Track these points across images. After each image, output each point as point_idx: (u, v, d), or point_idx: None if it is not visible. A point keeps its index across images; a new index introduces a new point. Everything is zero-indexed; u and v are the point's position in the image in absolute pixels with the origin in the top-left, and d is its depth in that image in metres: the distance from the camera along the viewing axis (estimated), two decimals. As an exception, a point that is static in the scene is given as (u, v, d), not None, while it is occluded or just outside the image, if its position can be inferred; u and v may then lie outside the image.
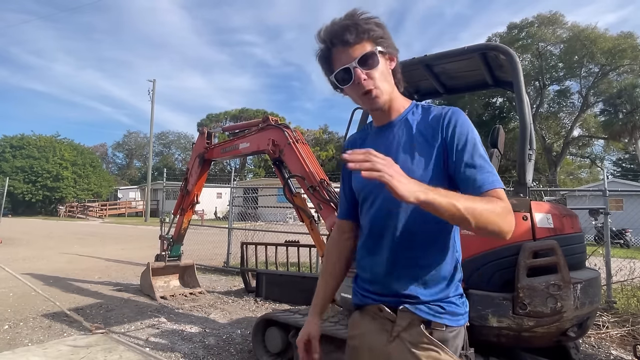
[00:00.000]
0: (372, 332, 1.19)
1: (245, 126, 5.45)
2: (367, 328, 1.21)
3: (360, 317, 1.25)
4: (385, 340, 1.15)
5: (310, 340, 1.32)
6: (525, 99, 2.63)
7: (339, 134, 47.57)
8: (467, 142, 1.11)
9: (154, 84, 31.92)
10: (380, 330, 1.17)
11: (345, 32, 1.12)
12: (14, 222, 24.44)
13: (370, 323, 1.20)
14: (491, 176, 1.07)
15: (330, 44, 1.15)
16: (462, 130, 1.13)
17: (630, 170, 35.73)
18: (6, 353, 3.55)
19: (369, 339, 1.19)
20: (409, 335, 1.12)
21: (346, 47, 1.13)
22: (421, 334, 1.10)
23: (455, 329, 1.14)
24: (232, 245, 8.35)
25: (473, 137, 1.12)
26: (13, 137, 36.98)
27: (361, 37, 1.13)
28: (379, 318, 1.18)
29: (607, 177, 6.64)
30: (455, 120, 1.14)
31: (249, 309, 5.38)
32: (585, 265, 2.79)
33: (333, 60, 1.17)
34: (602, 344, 4.11)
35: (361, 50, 1.13)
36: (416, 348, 1.10)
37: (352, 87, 1.16)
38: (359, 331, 1.23)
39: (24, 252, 10.43)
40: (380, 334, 1.17)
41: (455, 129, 1.13)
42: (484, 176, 1.07)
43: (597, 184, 17.25)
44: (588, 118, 31.29)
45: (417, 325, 1.11)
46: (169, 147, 64.13)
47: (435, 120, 1.17)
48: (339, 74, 1.16)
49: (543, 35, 28.40)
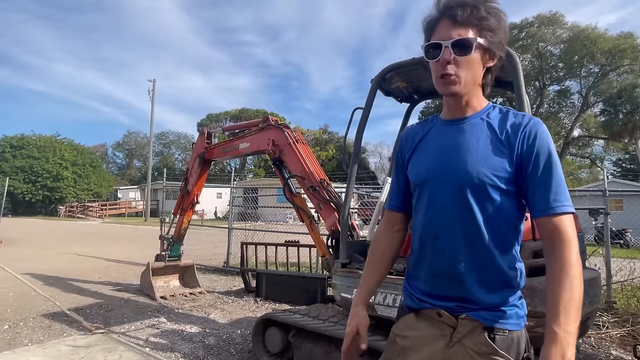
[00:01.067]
0: (429, 336, 1.15)
1: (245, 126, 5.46)
2: (423, 332, 1.17)
3: (416, 319, 1.20)
4: (444, 346, 1.12)
5: (359, 331, 1.26)
6: (525, 99, 2.63)
7: (339, 134, 47.64)
8: (544, 158, 1.07)
9: (154, 84, 31.96)
10: (439, 335, 1.13)
11: (459, 8, 1.08)
12: (14, 222, 24.45)
13: (428, 327, 1.16)
14: (560, 199, 1.05)
15: (440, 14, 1.12)
16: (542, 145, 1.08)
17: (630, 170, 35.75)
18: (6, 353, 3.55)
19: (425, 343, 1.15)
20: (471, 342, 1.09)
21: (452, 23, 1.09)
22: (484, 342, 1.07)
23: (518, 332, 1.11)
24: (232, 245, 8.35)
25: (550, 154, 1.08)
26: (13, 137, 36.99)
27: (470, 21, 1.08)
28: (437, 323, 1.14)
29: (607, 177, 6.64)
30: (535, 132, 1.09)
31: (249, 309, 5.38)
32: (585, 265, 2.79)
33: (435, 29, 1.13)
34: (602, 344, 4.11)
35: (462, 34, 1.08)
36: (480, 355, 1.07)
37: (435, 64, 1.13)
38: (413, 333, 1.19)
39: (24, 252, 10.43)
40: (438, 339, 1.13)
41: (534, 142, 1.08)
42: (551, 198, 1.05)
43: (597, 184, 17.27)
44: (588, 118, 31.30)
45: (480, 332, 1.08)
46: (169, 147, 64.11)
47: (514, 128, 1.11)
48: (430, 46, 1.13)
49: (543, 36, 28.39)
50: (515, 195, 1.11)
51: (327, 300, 4.89)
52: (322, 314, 3.30)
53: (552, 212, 1.05)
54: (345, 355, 1.26)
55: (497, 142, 1.11)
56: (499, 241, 1.10)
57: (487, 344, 1.07)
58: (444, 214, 1.13)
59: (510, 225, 1.12)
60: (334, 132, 48.67)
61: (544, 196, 1.06)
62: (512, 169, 1.09)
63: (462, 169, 1.11)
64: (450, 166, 1.13)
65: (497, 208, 1.09)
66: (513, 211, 1.12)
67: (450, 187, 1.12)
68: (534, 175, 1.07)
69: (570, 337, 0.93)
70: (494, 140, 1.11)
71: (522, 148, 1.09)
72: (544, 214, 1.06)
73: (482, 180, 1.08)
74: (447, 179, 1.13)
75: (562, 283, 0.99)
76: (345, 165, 3.29)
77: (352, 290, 2.86)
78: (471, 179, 1.09)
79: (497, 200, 1.09)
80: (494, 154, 1.10)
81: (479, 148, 1.12)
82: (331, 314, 3.28)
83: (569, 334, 0.93)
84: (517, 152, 1.09)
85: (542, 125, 1.11)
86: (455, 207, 1.11)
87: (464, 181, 1.10)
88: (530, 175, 1.08)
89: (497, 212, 1.09)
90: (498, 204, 1.09)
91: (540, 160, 1.07)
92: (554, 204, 1.05)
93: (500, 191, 1.09)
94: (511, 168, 1.09)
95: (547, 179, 1.06)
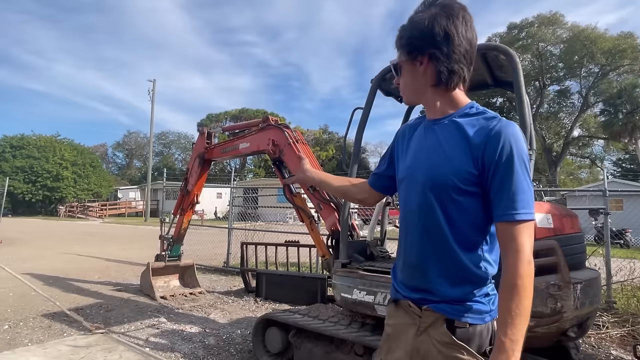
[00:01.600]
0: (404, 324, 1.26)
1: (245, 126, 5.46)
2: (400, 319, 1.28)
3: (395, 308, 1.32)
4: (414, 334, 1.22)
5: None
6: (525, 99, 2.63)
7: (339, 134, 47.67)
8: (505, 163, 1.07)
9: (154, 84, 31.96)
10: (411, 323, 1.23)
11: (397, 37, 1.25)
12: (14, 222, 24.45)
13: (403, 316, 1.27)
14: (516, 206, 1.05)
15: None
16: (505, 149, 1.08)
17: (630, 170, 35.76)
18: (6, 353, 3.55)
19: (402, 331, 1.26)
20: (435, 332, 1.17)
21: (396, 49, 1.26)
22: (445, 333, 1.14)
23: (481, 326, 1.15)
24: (232, 245, 8.35)
25: (512, 159, 1.07)
26: (13, 137, 36.98)
27: (399, 45, 1.23)
28: (410, 312, 1.24)
29: (607, 177, 6.64)
30: (500, 136, 1.09)
31: (249, 309, 5.38)
32: (585, 265, 2.79)
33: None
34: (602, 344, 4.11)
35: (396, 58, 1.27)
36: (441, 345, 1.15)
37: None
38: (393, 321, 1.31)
39: (24, 252, 10.43)
40: (411, 327, 1.23)
41: (497, 146, 1.08)
42: (508, 205, 1.06)
43: (597, 184, 17.25)
44: (588, 118, 31.30)
45: (441, 324, 1.15)
46: (169, 147, 64.15)
47: (481, 130, 1.13)
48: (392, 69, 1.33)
49: (543, 36, 28.38)
50: (481, 197, 1.13)
51: (327, 300, 4.89)
52: (322, 314, 3.30)
53: (505, 219, 1.06)
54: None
55: (463, 144, 1.14)
56: (462, 239, 1.15)
57: (447, 335, 1.14)
58: (412, 210, 1.23)
59: (474, 225, 1.15)
60: (334, 132, 48.79)
61: (501, 202, 1.07)
62: (476, 171, 1.11)
63: (428, 169, 1.19)
64: (420, 166, 1.23)
65: (458, 208, 1.14)
66: (478, 212, 1.14)
67: (419, 186, 1.20)
68: (495, 180, 1.09)
69: (515, 345, 1.00)
70: (460, 142, 1.15)
71: (485, 151, 1.10)
72: (499, 220, 1.08)
73: (443, 181, 1.14)
74: (417, 178, 1.22)
75: (509, 294, 1.03)
76: (345, 165, 3.29)
77: (352, 290, 2.86)
78: (434, 179, 1.16)
79: (459, 200, 1.13)
80: (458, 156, 1.14)
81: (445, 149, 1.17)
82: (331, 314, 3.28)
83: (514, 343, 1.01)
84: (480, 155, 1.10)
85: (511, 128, 1.10)
86: (419, 204, 1.20)
87: (427, 180, 1.18)
88: (491, 179, 1.09)
89: (458, 212, 1.14)
90: (459, 204, 1.13)
91: (501, 165, 1.07)
92: (509, 211, 1.06)
93: (461, 192, 1.13)
94: (475, 170, 1.11)
95: (506, 184, 1.07)
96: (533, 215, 1.07)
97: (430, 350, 1.17)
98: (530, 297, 1.04)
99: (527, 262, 1.04)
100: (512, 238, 1.05)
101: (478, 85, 3.45)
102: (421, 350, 1.19)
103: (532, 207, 1.07)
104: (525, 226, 1.05)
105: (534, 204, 1.09)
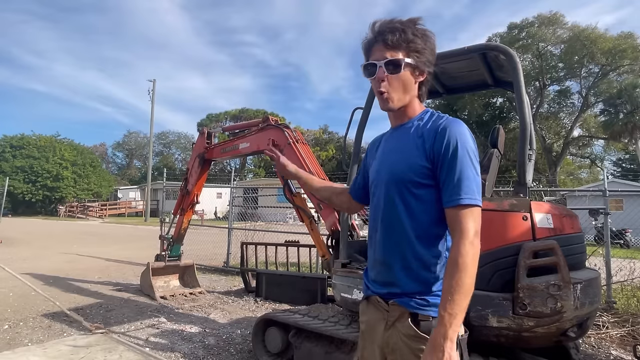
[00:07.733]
0: (375, 319, 1.32)
1: (245, 126, 5.45)
2: (371, 315, 1.35)
3: (366, 305, 1.39)
4: (383, 329, 1.28)
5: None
6: (526, 99, 2.63)
7: (339, 134, 47.63)
8: (450, 154, 1.18)
9: (154, 84, 31.92)
10: (380, 318, 1.30)
11: (390, 33, 1.24)
12: (14, 222, 24.45)
13: (374, 312, 1.33)
14: (460, 192, 1.15)
15: (375, 37, 1.28)
16: (450, 142, 1.19)
17: (630, 170, 35.72)
18: (6, 353, 3.55)
19: (373, 325, 1.33)
20: (401, 325, 1.23)
21: (384, 46, 1.25)
22: (409, 327, 1.21)
23: None
24: (232, 245, 8.35)
25: (456, 150, 1.18)
26: (13, 137, 36.93)
27: (399, 44, 1.24)
28: (380, 308, 1.31)
29: (607, 177, 6.64)
30: (445, 131, 1.21)
31: (249, 309, 5.38)
32: (585, 265, 2.78)
33: (372, 51, 1.30)
34: (602, 344, 4.11)
35: (393, 55, 1.25)
36: (407, 338, 1.21)
37: (372, 81, 1.30)
38: (365, 318, 1.38)
39: (24, 252, 10.43)
40: (380, 322, 1.30)
41: (443, 139, 1.20)
42: (453, 191, 1.16)
43: (597, 184, 17.25)
44: (588, 118, 31.27)
45: (406, 318, 1.23)
46: (169, 147, 64.09)
47: (432, 128, 1.25)
48: (368, 66, 1.30)
49: (543, 36, 28.37)
50: (437, 189, 1.22)
51: (327, 300, 4.89)
52: (322, 314, 3.30)
53: (451, 204, 1.16)
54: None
55: (417, 142, 1.26)
56: (422, 234, 1.23)
57: (411, 328, 1.21)
58: (379, 207, 1.32)
59: (433, 219, 1.23)
60: (334, 132, 48.71)
61: (447, 189, 1.18)
62: (429, 164, 1.22)
63: (389, 168, 1.31)
64: (384, 167, 1.34)
65: (417, 201, 1.24)
66: (437, 203, 1.22)
67: (383, 185, 1.31)
68: (442, 170, 1.19)
69: (453, 319, 1.07)
70: (416, 141, 1.27)
71: (434, 145, 1.22)
72: (446, 206, 1.18)
73: (401, 176, 1.25)
74: (382, 178, 1.33)
75: (450, 271, 1.11)
76: (345, 165, 3.29)
77: (352, 290, 2.86)
78: (394, 175, 1.28)
79: (417, 193, 1.24)
80: (414, 153, 1.25)
81: (404, 149, 1.29)
82: (331, 314, 3.28)
83: (452, 317, 1.07)
84: (430, 149, 1.22)
85: (456, 125, 1.22)
86: (383, 202, 1.30)
87: (389, 178, 1.29)
88: (440, 170, 1.20)
89: (417, 205, 1.24)
90: (419, 197, 1.24)
91: (447, 156, 1.19)
92: (454, 197, 1.16)
93: (419, 185, 1.23)
94: (428, 163, 1.22)
95: (452, 173, 1.17)
96: (477, 201, 1.16)
97: (398, 344, 1.23)
98: (472, 276, 1.10)
99: (469, 242, 1.11)
100: (457, 221, 1.14)
101: (478, 85, 3.44)
102: (390, 344, 1.25)
103: (477, 193, 1.16)
104: (469, 211, 1.14)
105: (480, 191, 1.18)
